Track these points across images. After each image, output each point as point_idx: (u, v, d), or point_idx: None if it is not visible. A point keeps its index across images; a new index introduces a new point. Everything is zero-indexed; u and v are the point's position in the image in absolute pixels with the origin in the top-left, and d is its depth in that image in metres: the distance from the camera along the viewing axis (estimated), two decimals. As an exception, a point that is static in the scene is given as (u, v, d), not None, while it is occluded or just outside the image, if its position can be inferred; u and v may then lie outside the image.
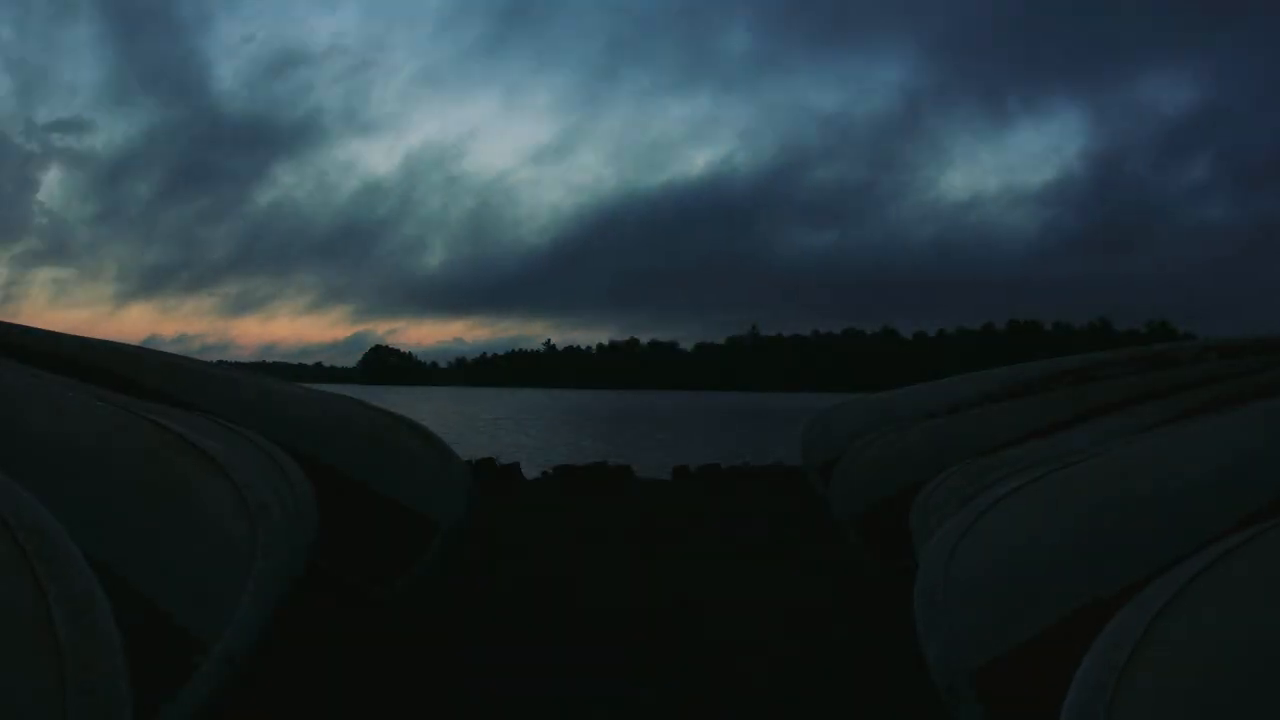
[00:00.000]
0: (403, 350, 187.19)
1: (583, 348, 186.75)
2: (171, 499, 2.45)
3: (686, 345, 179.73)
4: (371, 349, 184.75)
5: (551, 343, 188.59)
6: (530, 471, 11.26)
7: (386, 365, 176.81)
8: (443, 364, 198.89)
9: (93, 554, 1.77)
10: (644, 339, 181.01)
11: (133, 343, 4.91)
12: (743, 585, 5.08)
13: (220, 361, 6.11)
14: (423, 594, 4.32)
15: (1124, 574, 2.30)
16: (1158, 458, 2.70)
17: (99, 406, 2.77)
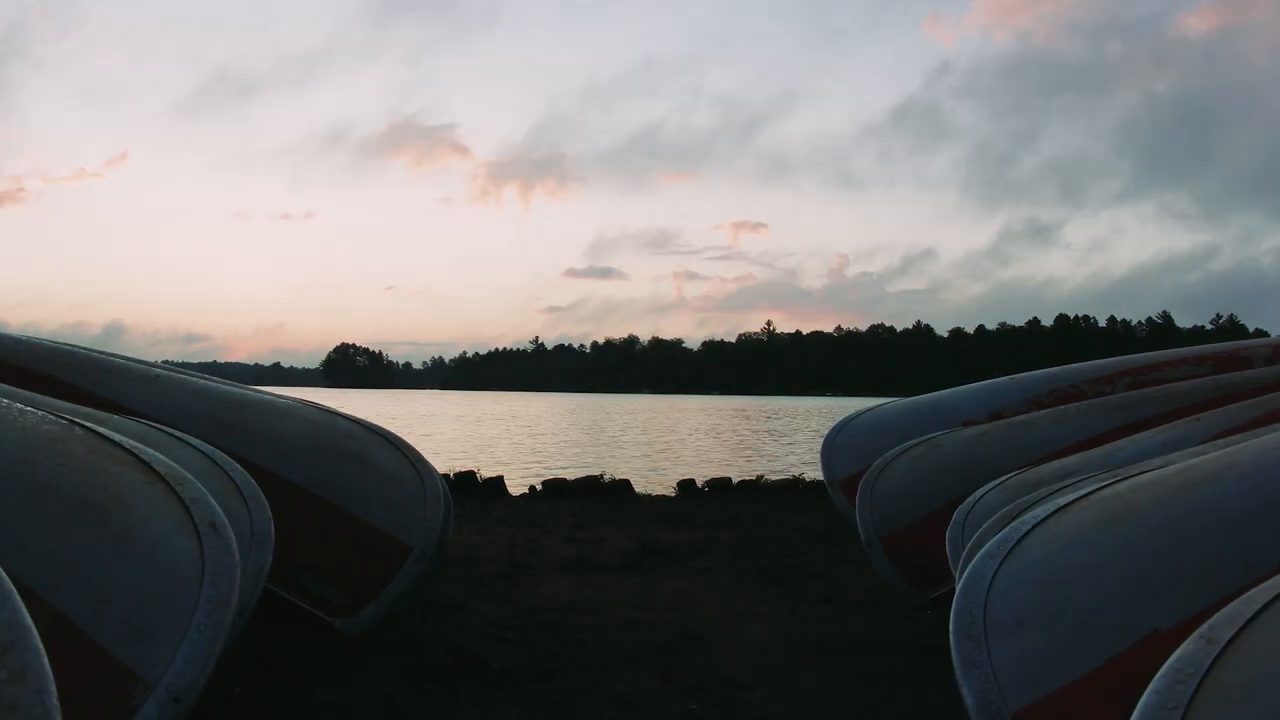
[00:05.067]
0: (372, 350, 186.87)
1: (575, 346, 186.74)
2: (109, 517, 2.45)
3: (692, 344, 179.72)
4: (335, 348, 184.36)
5: (540, 341, 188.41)
6: (516, 486, 11.27)
7: (353, 366, 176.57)
8: (416, 365, 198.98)
9: (20, 578, 1.77)
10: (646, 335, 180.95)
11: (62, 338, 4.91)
12: (756, 614, 5.08)
13: (165, 361, 6.11)
14: (393, 623, 4.32)
15: (1186, 603, 2.30)
16: (1225, 471, 2.69)
17: (26, 412, 2.77)
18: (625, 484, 11.05)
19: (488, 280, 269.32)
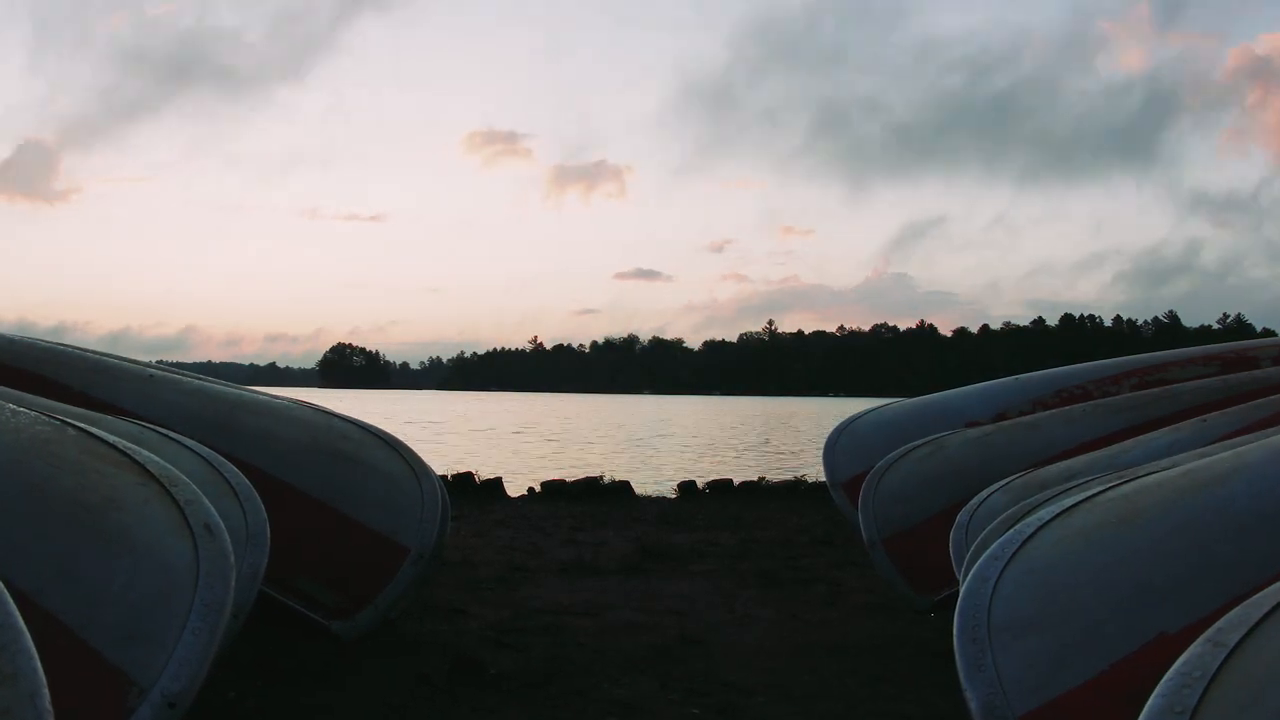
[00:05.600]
0: (369, 349, 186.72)
1: (574, 346, 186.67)
2: (102, 518, 2.45)
3: (693, 343, 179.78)
4: (331, 348, 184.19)
5: (539, 340, 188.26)
6: (514, 488, 11.27)
7: (349, 367, 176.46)
8: (414, 365, 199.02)
9: (12, 581, 1.77)
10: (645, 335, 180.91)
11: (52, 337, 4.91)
12: (757, 617, 5.08)
13: (159, 361, 6.11)
14: (390, 627, 4.32)
15: (1193, 606, 2.30)
16: (1232, 472, 2.69)
17: (19, 413, 2.77)
18: (625, 485, 11.05)
19: (531, 282, 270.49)
